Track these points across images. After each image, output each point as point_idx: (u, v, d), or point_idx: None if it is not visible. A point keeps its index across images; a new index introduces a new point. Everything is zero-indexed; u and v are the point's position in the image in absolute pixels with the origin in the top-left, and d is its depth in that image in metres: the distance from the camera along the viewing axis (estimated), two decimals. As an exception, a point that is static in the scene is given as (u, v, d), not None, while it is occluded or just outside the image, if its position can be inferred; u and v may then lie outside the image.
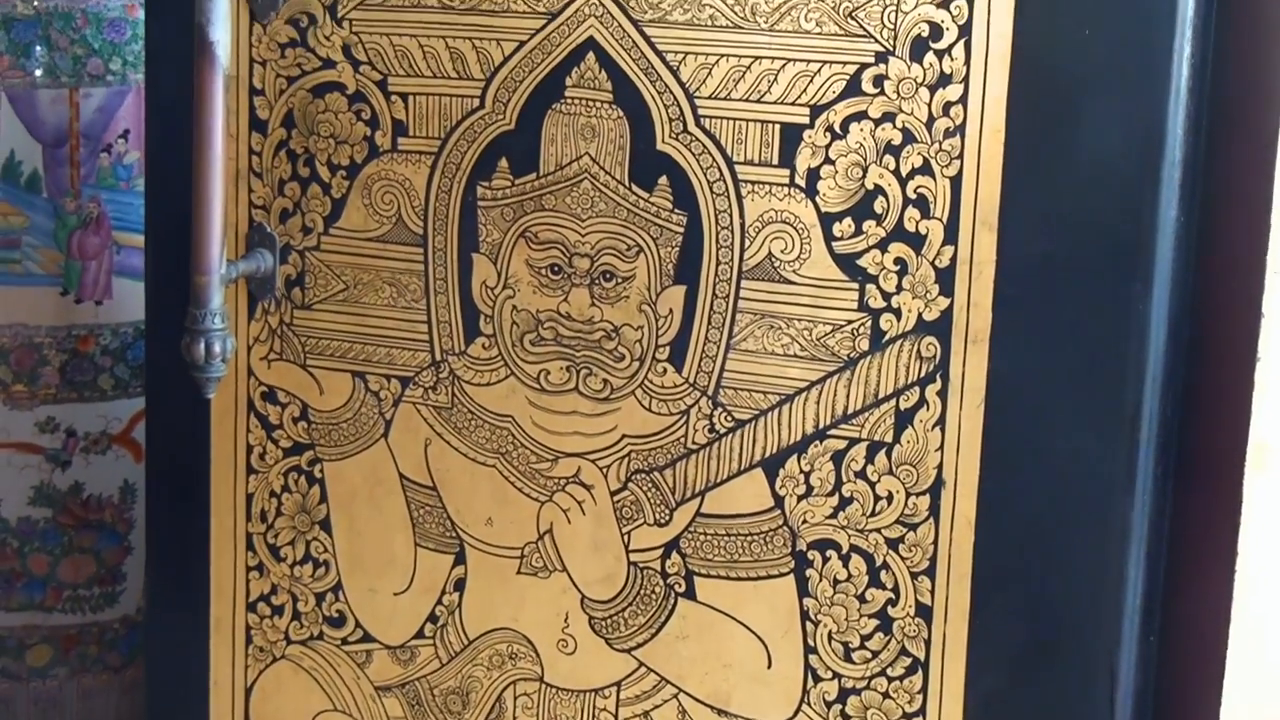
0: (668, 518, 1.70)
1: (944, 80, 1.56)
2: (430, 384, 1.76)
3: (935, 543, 1.61)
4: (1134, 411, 1.55)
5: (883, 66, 1.57)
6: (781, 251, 1.62)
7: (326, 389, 1.80)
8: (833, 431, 1.63)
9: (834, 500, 1.64)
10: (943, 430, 1.59)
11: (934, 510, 1.61)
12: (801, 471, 1.64)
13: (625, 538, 1.71)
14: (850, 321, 1.61)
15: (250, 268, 1.77)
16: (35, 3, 2.73)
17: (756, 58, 1.61)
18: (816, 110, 1.60)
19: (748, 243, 1.63)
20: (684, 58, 1.63)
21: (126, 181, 2.80)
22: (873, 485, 1.62)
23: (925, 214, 1.57)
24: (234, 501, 1.86)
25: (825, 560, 1.65)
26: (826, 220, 1.61)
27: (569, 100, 1.67)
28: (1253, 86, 1.57)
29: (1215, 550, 1.59)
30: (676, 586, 1.70)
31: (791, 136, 1.61)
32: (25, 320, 2.73)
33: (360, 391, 1.79)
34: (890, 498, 1.62)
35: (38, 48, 2.73)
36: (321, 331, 1.79)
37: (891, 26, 1.56)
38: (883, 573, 1.63)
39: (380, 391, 1.78)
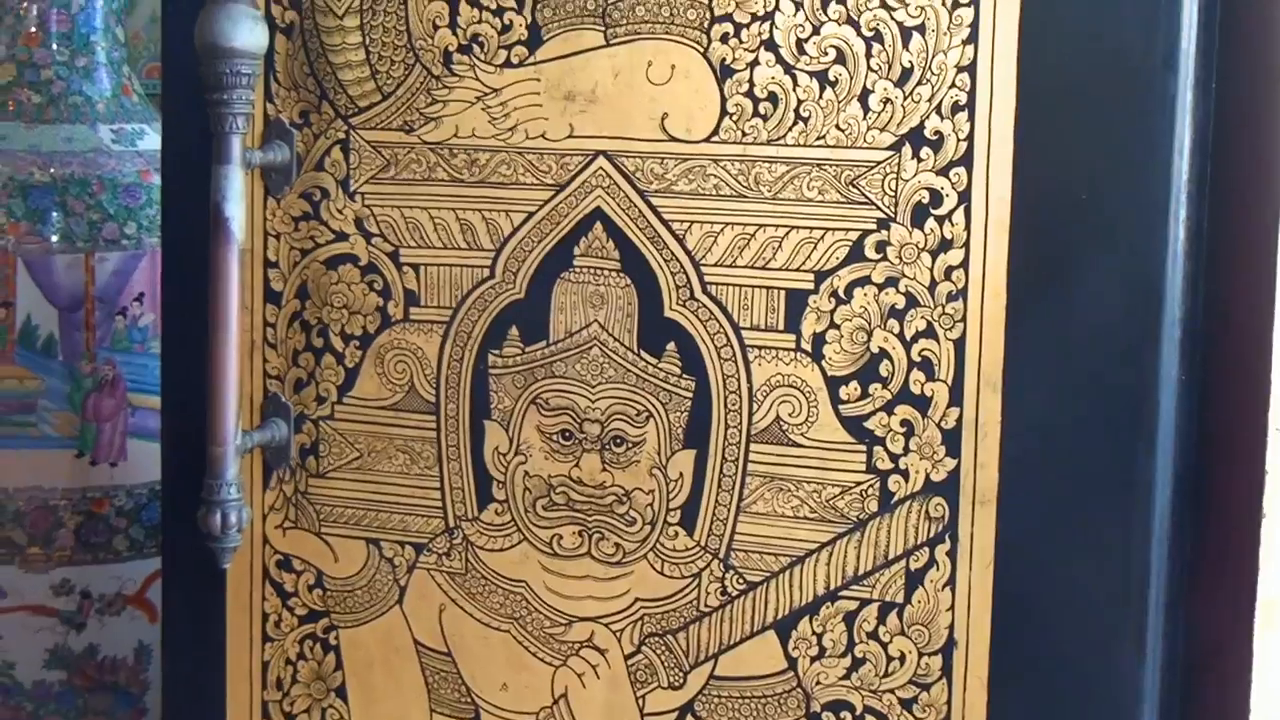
0: (682, 681, 1.70)
1: (945, 245, 1.59)
2: (444, 550, 1.78)
3: (949, 703, 1.61)
4: (1142, 570, 1.56)
5: (885, 233, 1.61)
6: (789, 415, 1.65)
7: (341, 556, 1.82)
8: (844, 593, 1.64)
9: (847, 661, 1.65)
10: (953, 590, 1.60)
11: (946, 670, 1.61)
12: (814, 633, 1.65)
13: (640, 701, 1.72)
14: (859, 483, 1.63)
15: (265, 438, 1.80)
16: (52, 169, 2.78)
17: (760, 225, 1.64)
18: (821, 276, 1.63)
19: (756, 407, 1.66)
20: (689, 226, 1.66)
21: (141, 344, 2.83)
22: (885, 646, 1.63)
23: (930, 377, 1.60)
24: (250, 669, 1.87)
25: (840, 721, 1.65)
26: (833, 384, 1.63)
27: (578, 269, 1.71)
28: (1249, 247, 1.60)
29: (1228, 708, 1.59)
30: (692, 750, 1.71)
31: (797, 302, 1.64)
32: (41, 483, 2.76)
33: (375, 558, 1.81)
34: (903, 658, 1.63)
35: (54, 214, 2.78)
36: (336, 499, 1.81)
37: (892, 194, 1.60)
38: (897, 733, 1.64)
39: (394, 558, 1.80)
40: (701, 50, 1.64)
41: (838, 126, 1.61)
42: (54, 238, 2.77)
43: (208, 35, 1.66)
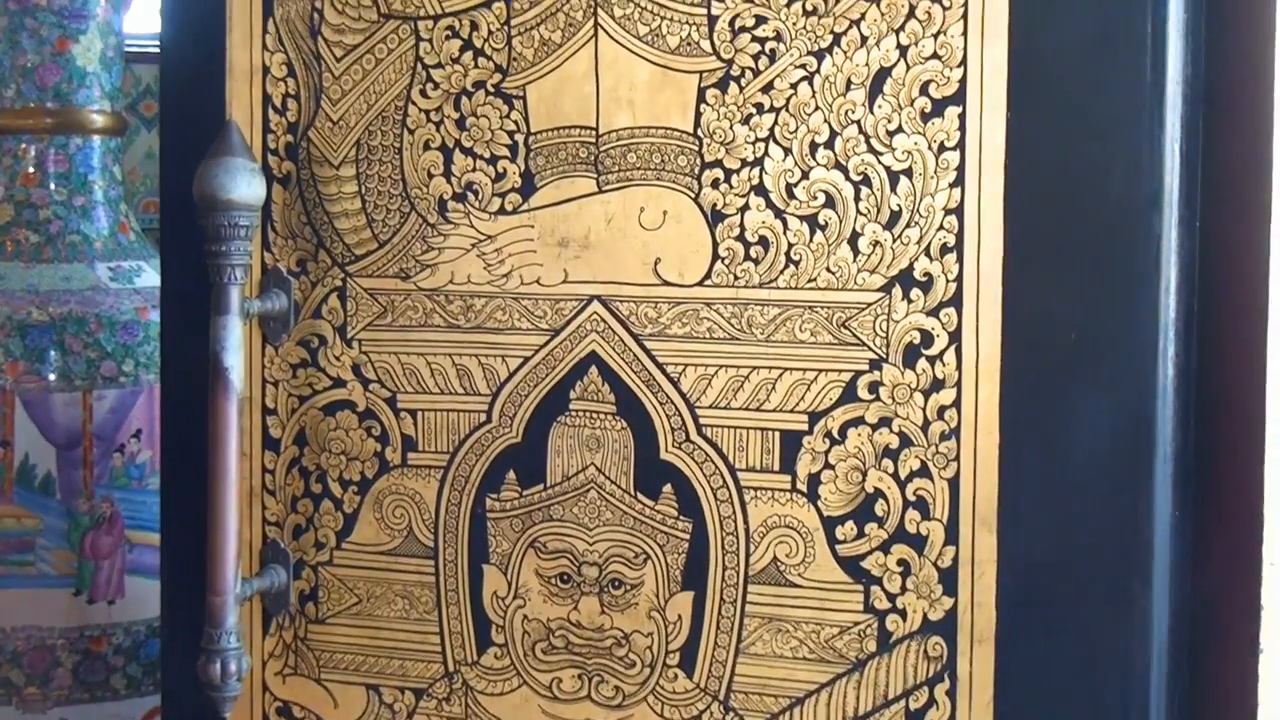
0: (684, 824, 1.70)
1: (937, 385, 1.60)
2: (444, 695, 1.78)
3: (952, 844, 1.61)
4: (1141, 705, 1.56)
5: (877, 373, 1.62)
6: (786, 556, 1.65)
7: (341, 702, 1.82)
8: (845, 733, 1.64)
9: (849, 802, 1.65)
10: (954, 730, 1.61)
11: (949, 811, 1.61)
12: (815, 774, 1.65)
13: (642, 844, 1.71)
14: (857, 623, 1.64)
15: (264, 585, 1.80)
16: (50, 308, 2.80)
17: (754, 367, 1.66)
18: (815, 417, 1.64)
19: (753, 548, 1.67)
20: (684, 369, 1.68)
21: (139, 480, 2.84)
22: (887, 787, 1.63)
23: (925, 516, 1.61)
24: (251, 817, 1.86)
25: None
26: (829, 524, 1.64)
27: (573, 413, 1.72)
28: (1239, 385, 1.61)
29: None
30: None
31: (791, 443, 1.65)
32: (38, 622, 2.76)
33: (374, 704, 1.80)
34: (905, 799, 1.63)
35: (52, 352, 2.80)
36: (335, 645, 1.82)
37: (884, 335, 1.62)
38: None
39: (394, 704, 1.80)
40: (693, 195, 1.67)
41: (829, 269, 1.63)
42: (52, 376, 2.79)
43: (206, 188, 1.68)
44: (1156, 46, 1.54)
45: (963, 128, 1.59)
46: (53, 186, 2.95)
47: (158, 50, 1.92)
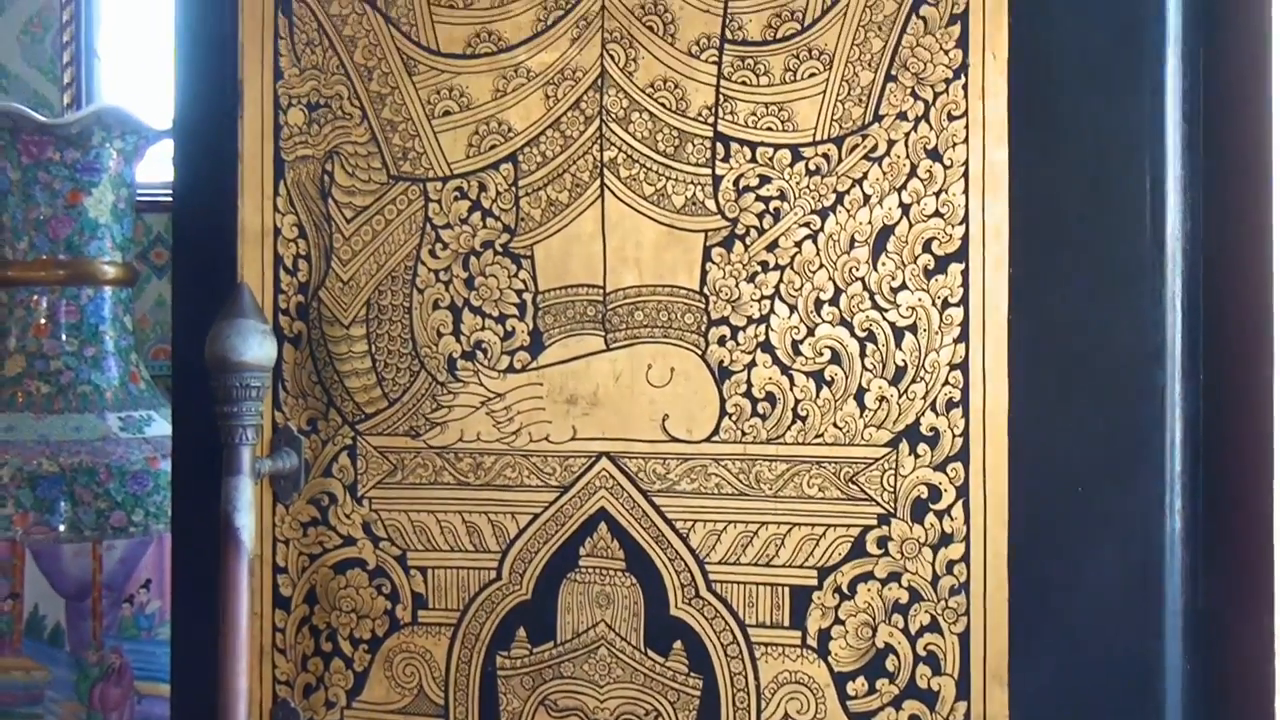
0: None
1: (946, 540, 1.61)
2: None
3: None
4: None
5: (886, 528, 1.63)
6: (797, 712, 1.65)
7: None
8: None
9: None
10: None
11: None
12: None
13: None
14: (870, 780, 1.63)
15: (275, 744, 1.80)
16: (60, 459, 2.81)
17: (763, 523, 1.67)
18: (824, 572, 1.65)
19: (764, 704, 1.66)
20: (693, 525, 1.69)
21: (148, 631, 2.84)
22: None
23: (936, 671, 1.61)
24: None
25: None
26: (840, 679, 1.64)
27: (583, 569, 1.72)
28: (1246, 539, 1.62)
29: None
30: None
31: (801, 598, 1.65)
32: (46, 776, 2.74)
33: None
34: None
35: (62, 503, 2.80)
36: (346, 805, 1.81)
37: (891, 490, 1.62)
38: None
39: None
40: (700, 353, 1.68)
41: (835, 424, 1.65)
42: (62, 527, 2.79)
43: (218, 350, 1.70)
44: (1155, 202, 1.57)
45: (966, 284, 1.61)
46: (64, 337, 2.97)
47: (169, 199, 1.95)
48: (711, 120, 1.68)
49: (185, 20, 1.86)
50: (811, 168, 1.65)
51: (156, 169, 3.49)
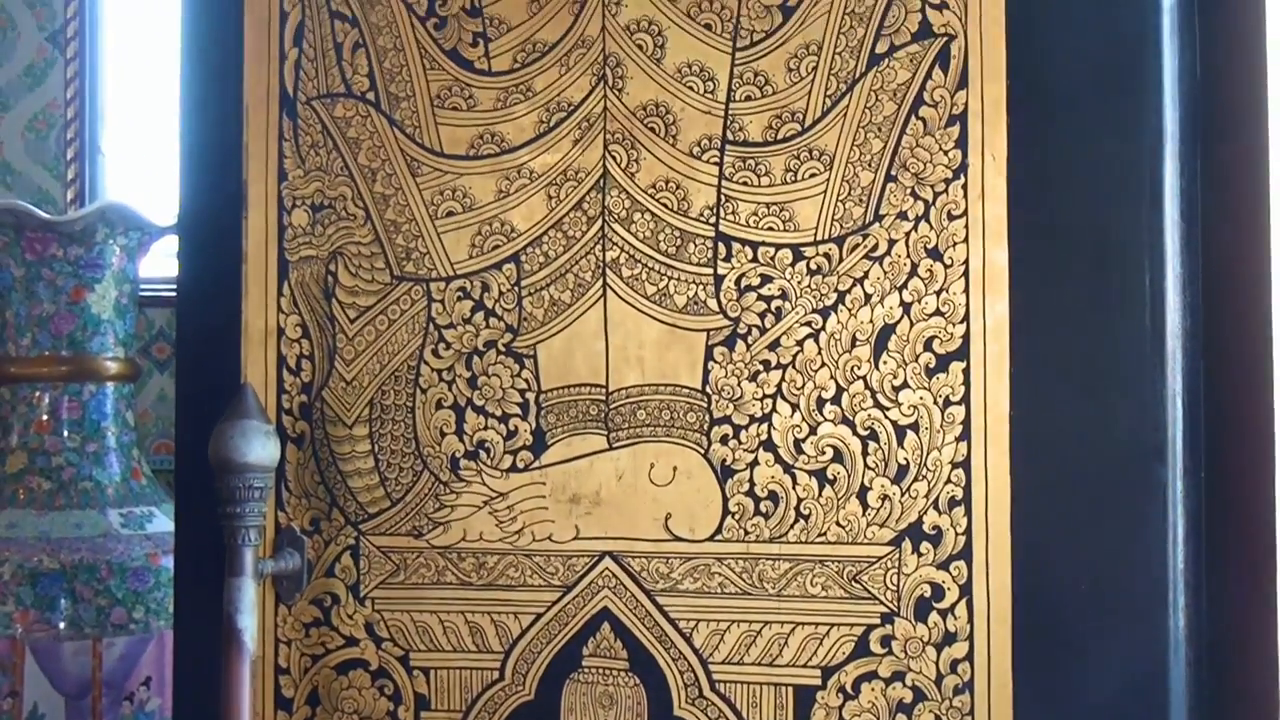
0: None
1: (949, 639, 1.61)
2: None
3: None
4: None
5: (889, 627, 1.63)
6: (803, 813, 1.64)
7: None
8: None
9: None
10: None
11: None
12: None
13: None
14: None
15: None
16: (61, 556, 2.81)
17: (767, 622, 1.66)
18: (828, 672, 1.64)
19: (769, 806, 1.66)
20: (696, 624, 1.68)
21: (148, 729, 2.82)
22: None
23: (942, 771, 1.60)
24: None
25: None
26: (845, 780, 1.63)
27: (586, 669, 1.72)
28: (1251, 637, 1.62)
29: None
30: None
31: (805, 699, 1.65)
32: None
33: None
34: None
35: (62, 600, 2.80)
36: None
37: (895, 589, 1.62)
38: None
39: None
40: (702, 451, 1.69)
41: (838, 523, 1.65)
42: (62, 624, 2.78)
43: (222, 451, 1.70)
44: (1155, 301, 1.58)
45: (967, 383, 1.62)
46: (66, 434, 2.97)
47: (172, 294, 1.95)
48: (713, 220, 1.69)
49: (190, 120, 1.87)
50: (813, 267, 1.66)
51: (159, 264, 3.51)
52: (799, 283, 1.66)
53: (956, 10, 1.64)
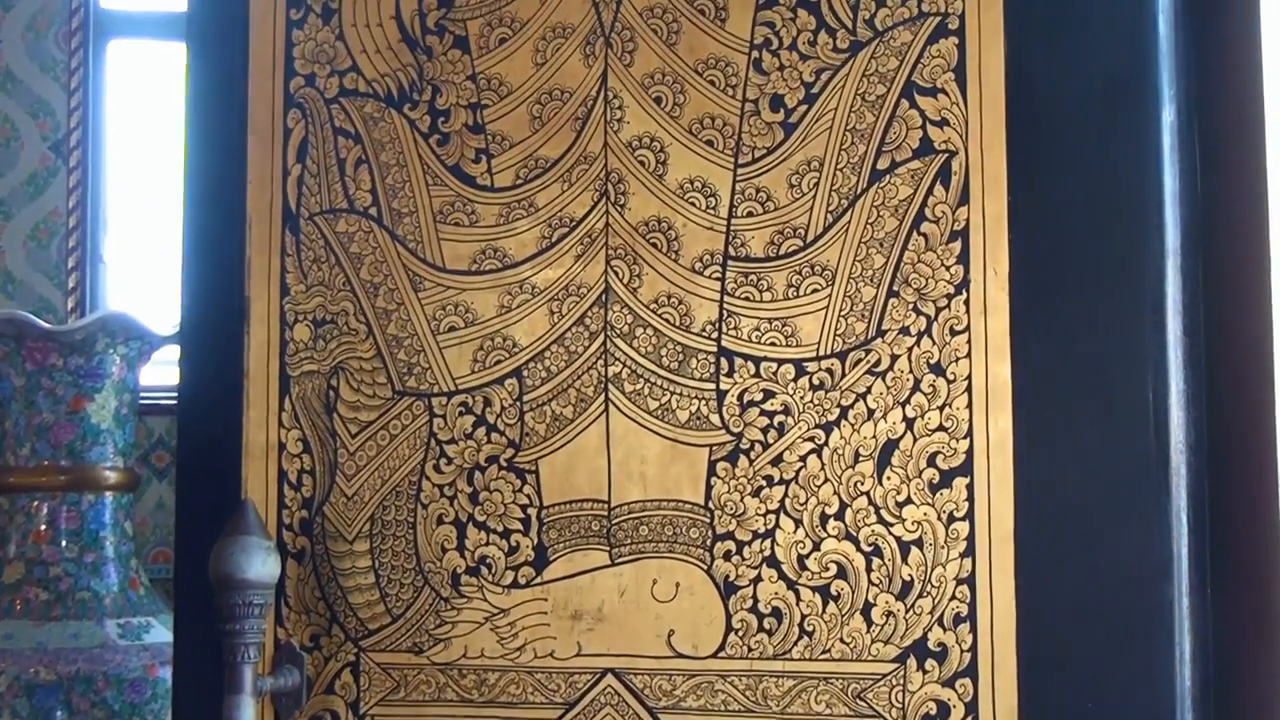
0: None
1: (957, 757, 1.59)
2: None
3: None
4: None
5: (896, 746, 1.61)
6: None
7: None
8: None
9: None
10: None
11: None
12: None
13: None
14: None
15: None
16: (58, 668, 2.79)
17: (771, 741, 1.65)
18: (833, 791, 1.63)
19: None
20: (700, 744, 1.67)
21: None
22: None
23: None
24: None
25: None
26: None
27: (589, 788, 1.70)
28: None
29: None
30: None
31: (811, 814, 1.64)
32: None
33: None
34: None
35: (59, 713, 2.78)
36: None
37: (900, 706, 1.61)
38: None
39: None
40: (705, 568, 1.68)
41: (842, 640, 1.64)
42: (57, 738, 2.76)
43: (222, 568, 1.69)
44: (1159, 417, 1.58)
45: (971, 498, 1.61)
46: (64, 544, 2.97)
47: (171, 402, 1.95)
48: (715, 335, 1.69)
49: (192, 234, 1.87)
50: (815, 382, 1.66)
51: (159, 372, 3.51)
52: (801, 398, 1.66)
53: (957, 127, 1.65)
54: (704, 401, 1.69)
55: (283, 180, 1.82)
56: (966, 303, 1.63)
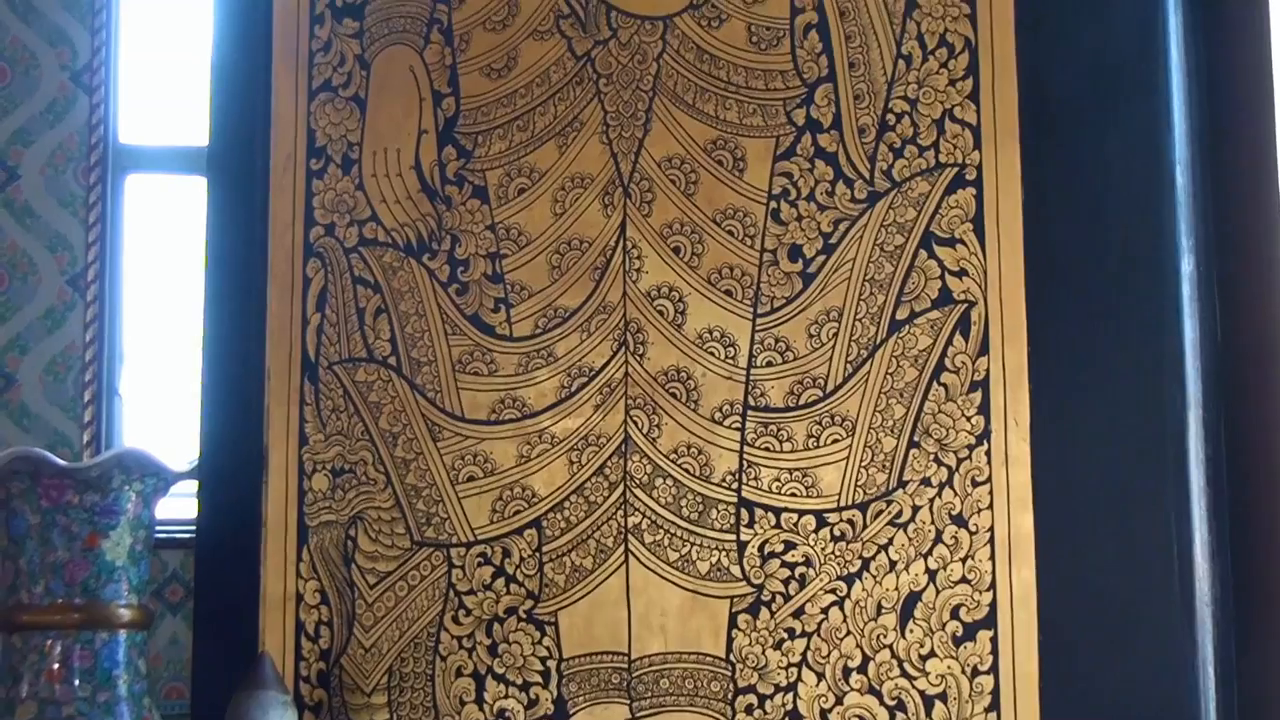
0: None
1: None
2: None
3: None
4: None
5: None
6: None
7: None
8: None
9: None
10: None
11: None
12: None
13: None
14: None
15: None
16: (68, 810, 2.75)
17: None
18: None
19: None
20: None
21: None
22: None
23: None
24: None
25: None
26: None
27: None
28: None
29: None
30: None
31: None
32: None
33: None
34: None
35: None
36: None
37: None
38: None
39: None
40: (727, 721, 1.66)
41: (867, 797, 1.62)
42: None
43: (238, 722, 1.68)
44: (1183, 570, 1.58)
45: (995, 651, 1.60)
46: (77, 683, 2.92)
47: (186, 536, 1.94)
48: (735, 486, 1.69)
49: (211, 378, 1.87)
50: (836, 533, 1.65)
51: (174, 505, 3.50)
52: (823, 549, 1.65)
53: (976, 277, 1.65)
54: (725, 553, 1.68)
55: (302, 329, 1.82)
56: (988, 453, 1.63)
